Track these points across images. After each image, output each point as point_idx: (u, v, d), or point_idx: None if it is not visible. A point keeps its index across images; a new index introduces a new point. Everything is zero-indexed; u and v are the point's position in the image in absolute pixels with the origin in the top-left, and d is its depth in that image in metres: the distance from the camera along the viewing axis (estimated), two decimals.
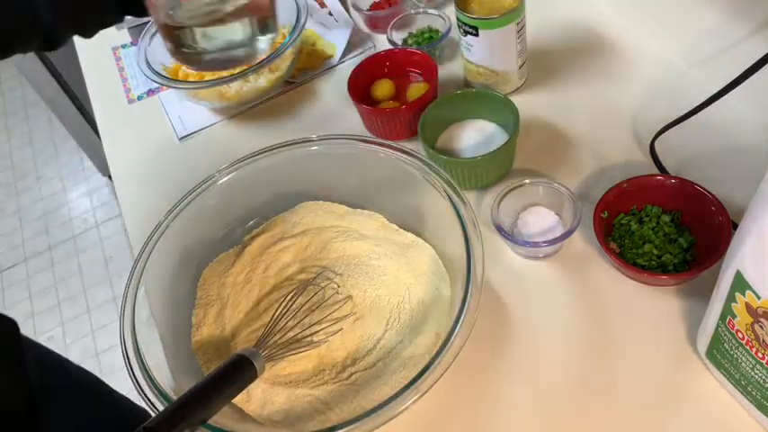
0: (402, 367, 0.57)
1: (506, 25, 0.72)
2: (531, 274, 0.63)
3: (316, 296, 0.62)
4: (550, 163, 0.72)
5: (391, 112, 0.76)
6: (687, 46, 0.77)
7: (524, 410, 0.55)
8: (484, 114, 0.74)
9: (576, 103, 0.77)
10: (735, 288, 0.45)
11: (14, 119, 2.47)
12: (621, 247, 0.62)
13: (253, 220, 0.70)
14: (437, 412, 0.56)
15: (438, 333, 0.57)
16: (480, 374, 0.58)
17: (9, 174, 2.29)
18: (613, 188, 0.62)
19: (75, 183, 2.21)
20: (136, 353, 0.56)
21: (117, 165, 0.88)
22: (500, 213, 0.63)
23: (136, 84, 0.98)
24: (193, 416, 0.46)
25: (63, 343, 1.78)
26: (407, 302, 0.61)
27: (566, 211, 0.64)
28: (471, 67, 0.78)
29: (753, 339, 0.45)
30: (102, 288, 1.88)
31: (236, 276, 0.67)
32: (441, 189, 0.60)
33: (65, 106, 1.91)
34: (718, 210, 0.58)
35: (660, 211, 0.62)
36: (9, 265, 2.00)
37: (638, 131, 0.72)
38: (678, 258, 0.59)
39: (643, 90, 0.77)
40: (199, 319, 0.64)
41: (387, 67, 0.83)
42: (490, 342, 0.59)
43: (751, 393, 0.49)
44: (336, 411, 0.55)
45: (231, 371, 0.50)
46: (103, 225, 2.05)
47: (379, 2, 0.94)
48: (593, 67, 0.81)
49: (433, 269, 0.63)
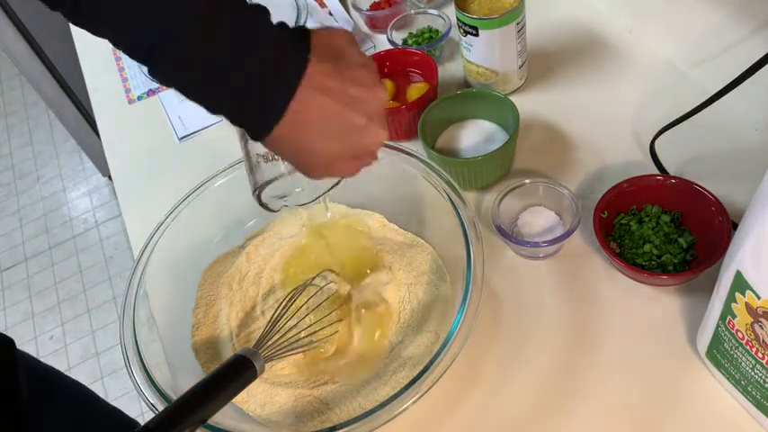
0: (402, 367, 0.57)
1: (506, 25, 0.72)
2: (531, 274, 0.63)
3: (315, 296, 0.62)
4: (550, 163, 0.72)
5: (391, 112, 0.76)
6: (687, 46, 0.77)
7: (524, 410, 0.55)
8: (484, 114, 0.74)
9: (576, 103, 0.77)
10: (735, 288, 0.45)
11: (14, 119, 2.47)
12: (621, 247, 0.62)
13: (252, 221, 0.70)
14: (437, 412, 0.56)
15: (438, 333, 0.57)
16: (480, 374, 0.57)
17: (9, 174, 2.28)
18: (613, 188, 0.62)
19: (75, 183, 2.21)
20: (136, 353, 0.56)
21: (117, 165, 0.88)
22: (500, 213, 0.63)
23: (136, 84, 0.98)
24: (193, 416, 0.46)
25: (63, 343, 1.78)
26: (407, 302, 0.61)
27: (566, 211, 0.64)
28: (471, 67, 0.78)
29: (753, 339, 0.45)
30: (102, 288, 1.88)
31: (235, 276, 0.67)
32: (441, 189, 0.60)
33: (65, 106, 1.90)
34: (717, 210, 0.58)
35: (660, 211, 0.62)
36: (9, 265, 2.00)
37: (638, 131, 0.72)
38: (678, 258, 0.59)
39: (643, 90, 0.77)
40: (199, 319, 0.64)
41: (387, 67, 0.83)
42: (490, 342, 0.59)
43: (751, 393, 0.49)
44: (336, 411, 0.55)
45: (231, 371, 0.50)
46: (103, 225, 2.05)
47: (379, 2, 0.94)
48: (592, 67, 0.81)
49: (433, 269, 0.63)
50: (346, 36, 0.46)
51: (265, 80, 0.41)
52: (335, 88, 0.43)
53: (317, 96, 0.42)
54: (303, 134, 0.43)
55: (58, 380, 0.76)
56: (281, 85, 0.41)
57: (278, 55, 0.41)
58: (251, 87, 0.41)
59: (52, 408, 0.70)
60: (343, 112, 0.43)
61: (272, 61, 0.41)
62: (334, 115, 0.43)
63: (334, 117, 0.43)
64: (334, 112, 0.43)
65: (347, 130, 0.44)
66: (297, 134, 0.43)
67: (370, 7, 0.94)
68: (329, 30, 0.46)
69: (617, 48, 0.82)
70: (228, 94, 0.41)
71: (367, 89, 0.44)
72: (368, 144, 0.46)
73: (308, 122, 0.43)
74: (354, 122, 0.44)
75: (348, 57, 0.45)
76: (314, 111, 0.42)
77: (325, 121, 0.43)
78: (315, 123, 0.43)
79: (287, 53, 0.42)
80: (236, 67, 0.40)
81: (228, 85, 0.41)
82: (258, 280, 0.67)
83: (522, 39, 0.75)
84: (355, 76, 0.44)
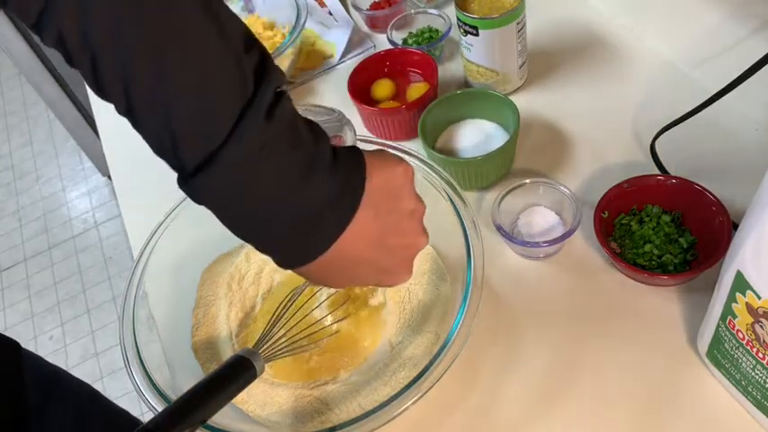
0: (402, 367, 0.56)
1: (506, 25, 0.72)
2: (531, 274, 0.63)
3: (315, 296, 0.62)
4: (550, 163, 0.72)
5: (391, 111, 0.76)
6: (687, 46, 0.76)
7: (524, 410, 0.55)
8: (484, 114, 0.74)
9: (576, 103, 0.77)
10: (735, 288, 0.45)
11: (14, 119, 2.47)
12: (622, 247, 0.62)
13: None
14: (437, 412, 0.56)
15: (438, 333, 0.57)
16: (480, 375, 0.57)
17: (9, 174, 2.28)
18: (614, 188, 0.62)
19: (74, 183, 2.21)
20: (136, 353, 0.56)
21: (117, 165, 0.88)
22: (500, 213, 0.63)
23: None
24: (193, 416, 0.46)
25: (63, 343, 1.78)
26: (407, 302, 0.61)
27: (566, 211, 0.64)
28: (471, 66, 0.78)
29: (753, 339, 0.45)
30: (101, 288, 1.88)
31: (235, 276, 0.67)
32: (441, 189, 0.60)
33: (65, 106, 1.90)
34: (718, 210, 0.58)
35: (660, 211, 0.62)
36: (9, 265, 2.00)
37: (638, 131, 0.72)
38: (678, 258, 0.59)
39: (643, 90, 0.77)
40: (198, 319, 0.64)
41: (387, 66, 0.83)
42: (490, 342, 0.59)
43: (751, 393, 0.49)
44: (336, 411, 0.55)
45: (230, 371, 0.50)
46: (103, 225, 2.05)
47: (379, 2, 0.94)
48: (592, 67, 0.81)
49: (433, 269, 0.63)
50: (404, 175, 0.43)
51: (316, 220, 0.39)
52: (376, 238, 0.42)
53: (357, 243, 0.41)
54: (331, 273, 0.43)
55: (64, 380, 0.76)
56: (328, 230, 0.40)
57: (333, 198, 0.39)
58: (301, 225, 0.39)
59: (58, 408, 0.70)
60: (376, 260, 0.43)
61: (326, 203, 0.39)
62: (366, 262, 0.43)
63: (365, 263, 0.43)
64: (368, 260, 0.43)
65: (374, 272, 0.45)
66: (325, 272, 0.43)
67: (370, 7, 0.94)
68: (387, 167, 0.42)
69: (617, 48, 0.82)
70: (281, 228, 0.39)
71: (407, 240, 0.45)
72: (389, 283, 0.47)
73: (340, 267, 0.42)
74: (382, 266, 0.44)
75: (399, 203, 0.43)
76: (347, 258, 0.42)
77: (356, 267, 0.43)
78: (347, 268, 0.43)
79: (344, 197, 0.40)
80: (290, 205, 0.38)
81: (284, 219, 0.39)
82: (258, 280, 0.67)
83: (522, 38, 0.75)
84: (400, 228, 0.44)
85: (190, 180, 0.37)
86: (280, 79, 0.37)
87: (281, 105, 0.37)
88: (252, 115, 0.35)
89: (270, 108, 0.36)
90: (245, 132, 0.35)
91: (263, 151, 0.36)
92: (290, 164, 0.37)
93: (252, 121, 0.35)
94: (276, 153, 0.36)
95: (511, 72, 0.78)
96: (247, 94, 0.35)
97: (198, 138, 0.35)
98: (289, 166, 0.37)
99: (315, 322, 0.60)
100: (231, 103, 0.35)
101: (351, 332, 0.61)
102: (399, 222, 0.43)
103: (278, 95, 0.37)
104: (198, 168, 0.36)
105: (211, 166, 0.35)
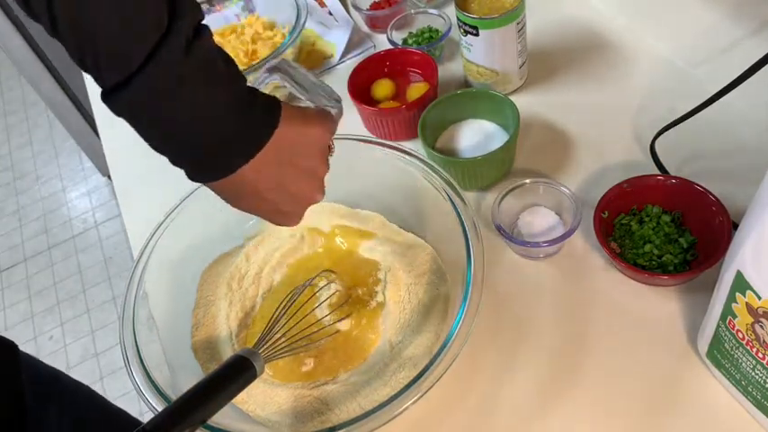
0: (402, 367, 0.56)
1: (506, 25, 0.72)
2: (531, 274, 0.63)
3: (315, 296, 0.62)
4: (550, 163, 0.72)
5: (391, 111, 0.76)
6: (687, 46, 0.76)
7: (524, 410, 0.55)
8: (484, 114, 0.74)
9: (576, 102, 0.77)
10: (735, 288, 0.45)
11: (14, 119, 2.47)
12: (622, 247, 0.62)
13: (252, 221, 0.70)
14: (437, 412, 0.56)
15: (438, 333, 0.57)
16: (480, 374, 0.57)
17: (9, 174, 2.28)
18: (613, 188, 0.62)
19: (74, 183, 2.21)
20: (136, 353, 0.56)
21: (117, 165, 0.88)
22: (500, 213, 0.63)
23: None
24: (193, 416, 0.46)
25: (63, 343, 1.78)
26: (407, 302, 0.61)
27: (566, 211, 0.64)
28: (471, 66, 0.78)
29: (753, 339, 0.45)
30: (101, 288, 1.88)
31: (235, 276, 0.67)
32: (441, 189, 0.60)
33: (65, 106, 1.90)
34: (718, 210, 0.58)
35: (660, 211, 0.62)
36: (9, 266, 2.00)
37: (638, 131, 0.72)
38: (678, 258, 0.59)
39: (643, 90, 0.77)
40: (198, 319, 0.64)
41: (387, 66, 0.83)
42: (490, 342, 0.59)
43: (751, 393, 0.49)
44: (336, 411, 0.55)
45: (230, 371, 0.50)
46: (103, 225, 2.05)
47: (379, 2, 0.94)
48: (593, 67, 0.81)
49: (433, 269, 0.63)
50: (317, 137, 0.49)
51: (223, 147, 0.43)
52: (275, 180, 0.47)
53: (258, 178, 0.45)
54: (233, 196, 0.48)
55: (62, 381, 0.76)
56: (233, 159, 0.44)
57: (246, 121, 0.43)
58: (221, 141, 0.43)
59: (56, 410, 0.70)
60: (273, 200, 0.48)
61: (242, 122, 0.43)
62: (263, 199, 0.48)
63: (263, 200, 0.48)
64: (265, 198, 0.47)
65: (270, 210, 0.50)
66: (228, 194, 0.48)
67: (370, 7, 0.94)
68: (304, 124, 0.47)
69: (617, 48, 0.82)
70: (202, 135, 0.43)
71: (302, 192, 0.49)
72: (279, 223, 0.52)
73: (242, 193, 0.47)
74: (278, 207, 0.49)
75: (302, 159, 0.48)
76: (248, 188, 0.46)
77: (255, 199, 0.48)
78: (247, 195, 0.47)
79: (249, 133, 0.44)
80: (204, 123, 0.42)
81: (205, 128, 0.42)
82: (258, 280, 0.67)
83: (522, 38, 0.75)
84: (298, 181, 0.48)
85: (110, 95, 0.40)
86: (196, 15, 0.40)
87: (201, 41, 0.40)
88: (169, 45, 0.38)
89: (188, 42, 0.39)
90: (161, 61, 0.38)
91: (179, 81, 0.39)
92: (205, 97, 0.41)
93: (168, 51, 0.38)
94: (191, 85, 0.40)
95: (511, 72, 0.78)
96: (163, 24, 0.38)
97: (117, 59, 0.38)
98: (205, 99, 0.41)
99: (315, 322, 0.60)
100: (149, 30, 0.38)
101: (351, 332, 0.61)
102: (297, 175, 0.48)
103: (198, 32, 0.40)
104: (117, 86, 0.39)
105: (129, 87, 0.39)
